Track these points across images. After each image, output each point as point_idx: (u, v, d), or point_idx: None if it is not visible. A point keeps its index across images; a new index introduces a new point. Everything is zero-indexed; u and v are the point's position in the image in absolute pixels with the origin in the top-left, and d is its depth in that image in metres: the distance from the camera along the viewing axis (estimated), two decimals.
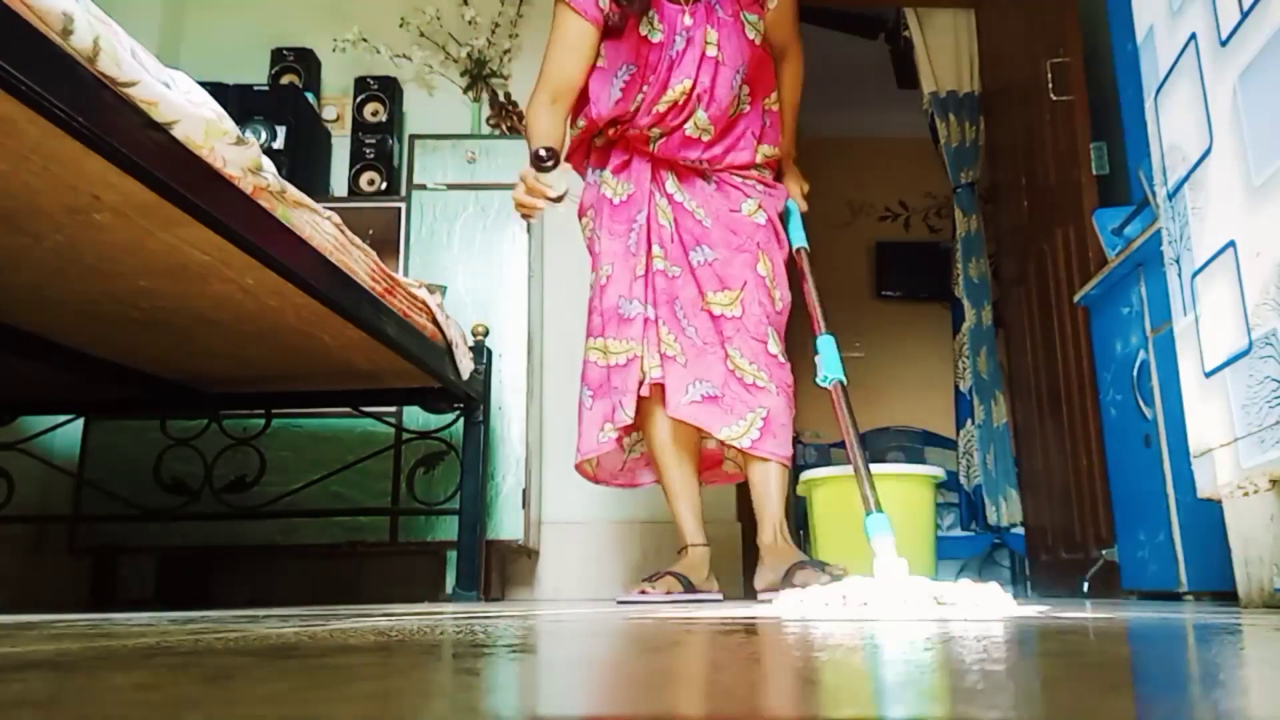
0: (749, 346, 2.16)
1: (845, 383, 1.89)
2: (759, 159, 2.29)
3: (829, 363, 1.91)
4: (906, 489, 2.48)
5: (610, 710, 0.42)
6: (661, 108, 2.16)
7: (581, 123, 2.25)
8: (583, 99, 2.21)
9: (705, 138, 2.20)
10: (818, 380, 1.91)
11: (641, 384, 2.16)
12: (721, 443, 2.27)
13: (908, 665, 0.59)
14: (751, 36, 2.20)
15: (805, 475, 2.62)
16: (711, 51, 2.15)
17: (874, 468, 2.66)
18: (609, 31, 2.14)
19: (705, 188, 2.27)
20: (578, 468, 2.32)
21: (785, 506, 2.19)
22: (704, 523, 2.28)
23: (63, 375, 2.13)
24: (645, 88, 2.14)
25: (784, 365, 2.20)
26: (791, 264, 2.28)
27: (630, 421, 2.14)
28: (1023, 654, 0.69)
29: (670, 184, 2.26)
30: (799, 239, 2.28)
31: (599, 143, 2.32)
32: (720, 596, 2.22)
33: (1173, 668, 0.59)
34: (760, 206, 2.28)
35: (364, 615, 1.43)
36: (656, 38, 2.11)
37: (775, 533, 2.15)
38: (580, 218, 2.44)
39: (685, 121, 2.18)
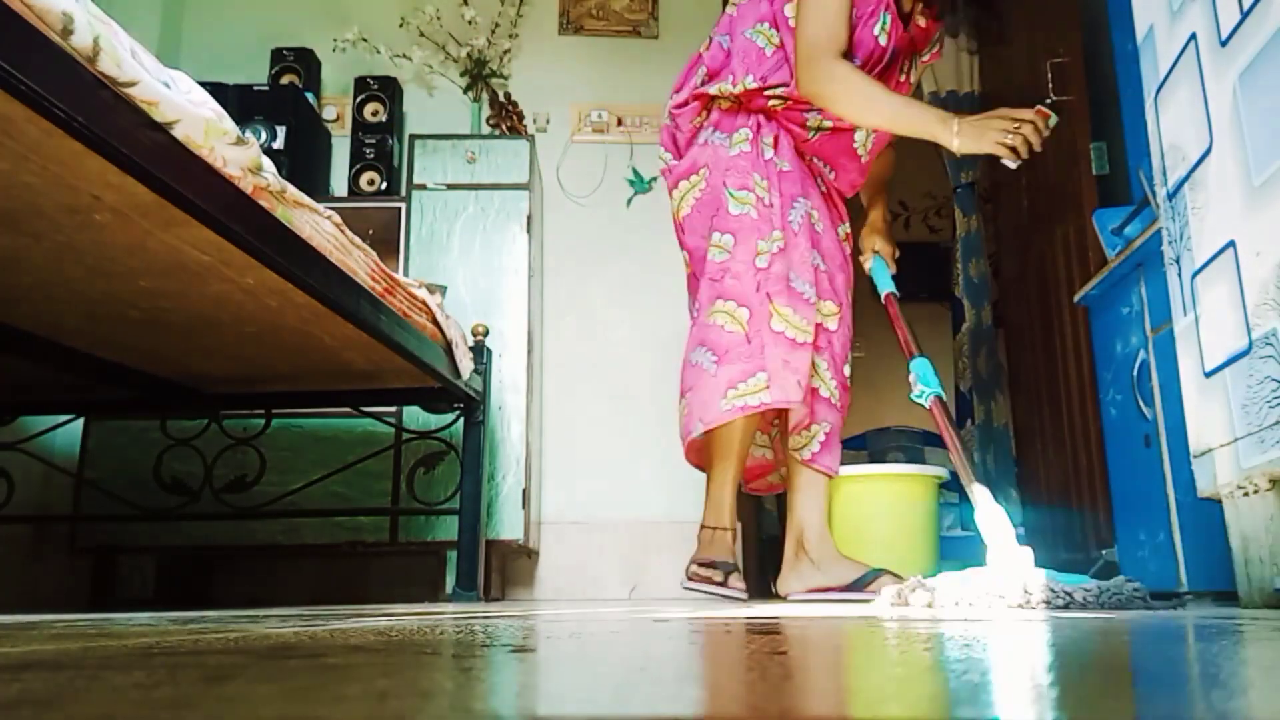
0: (833, 362, 2.25)
1: (944, 397, 2.02)
2: (855, 193, 2.41)
3: (925, 379, 2.03)
4: (909, 489, 2.48)
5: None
6: None
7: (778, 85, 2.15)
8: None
9: (864, 156, 2.28)
10: (912, 397, 2.05)
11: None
12: (774, 451, 2.37)
13: (914, 666, 0.59)
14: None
15: None
16: (903, 77, 2.23)
17: (874, 468, 2.68)
18: None
19: (820, 197, 2.30)
20: (693, 446, 2.22)
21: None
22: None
23: (63, 375, 2.13)
24: None
25: (848, 390, 2.30)
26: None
27: (798, 402, 2.09)
28: (1022, 654, 0.69)
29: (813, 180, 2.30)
30: (889, 285, 2.35)
31: (754, 105, 2.24)
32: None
33: (1173, 668, 0.59)
34: (848, 236, 2.40)
35: (364, 615, 1.43)
36: (884, 41, 2.14)
37: (820, 540, 2.22)
38: (696, 170, 2.25)
39: (856, 132, 2.23)
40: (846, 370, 2.30)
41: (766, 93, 2.18)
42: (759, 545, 4.00)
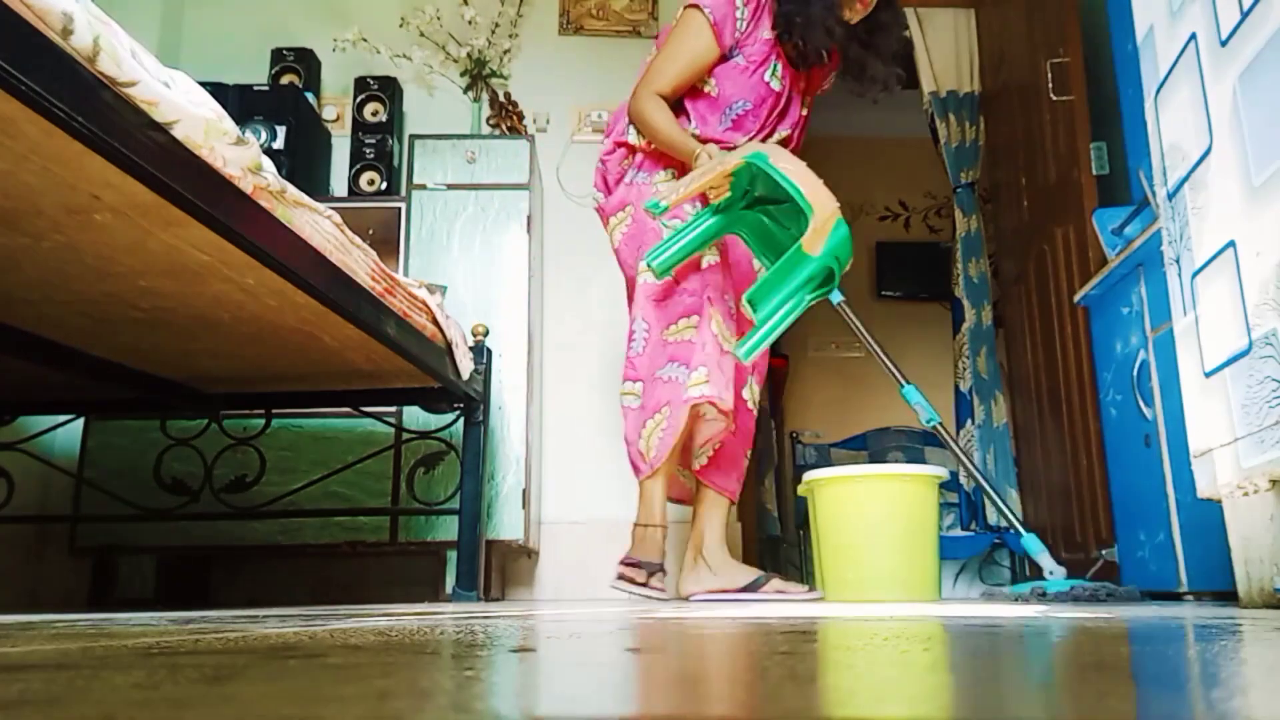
0: (729, 384, 2.39)
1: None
2: None
3: (927, 408, 2.28)
4: (910, 489, 2.48)
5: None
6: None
7: (694, 130, 2.37)
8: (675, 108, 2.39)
9: None
10: (924, 422, 2.26)
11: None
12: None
13: (906, 662, 0.59)
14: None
15: (808, 476, 2.61)
16: (804, 111, 2.49)
17: (875, 468, 2.69)
18: (719, 60, 2.34)
19: None
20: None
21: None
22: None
23: (63, 375, 2.13)
24: (753, 124, 2.37)
25: (750, 414, 2.44)
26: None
27: (729, 402, 2.26)
28: (1022, 653, 0.69)
29: None
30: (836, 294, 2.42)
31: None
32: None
33: (1173, 668, 0.59)
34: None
35: (364, 615, 1.43)
36: (777, 86, 2.36)
37: (716, 547, 2.40)
38: (623, 208, 2.46)
39: None
40: (746, 393, 2.40)
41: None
42: (759, 544, 4.00)
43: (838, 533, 2.50)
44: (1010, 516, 2.21)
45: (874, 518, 2.44)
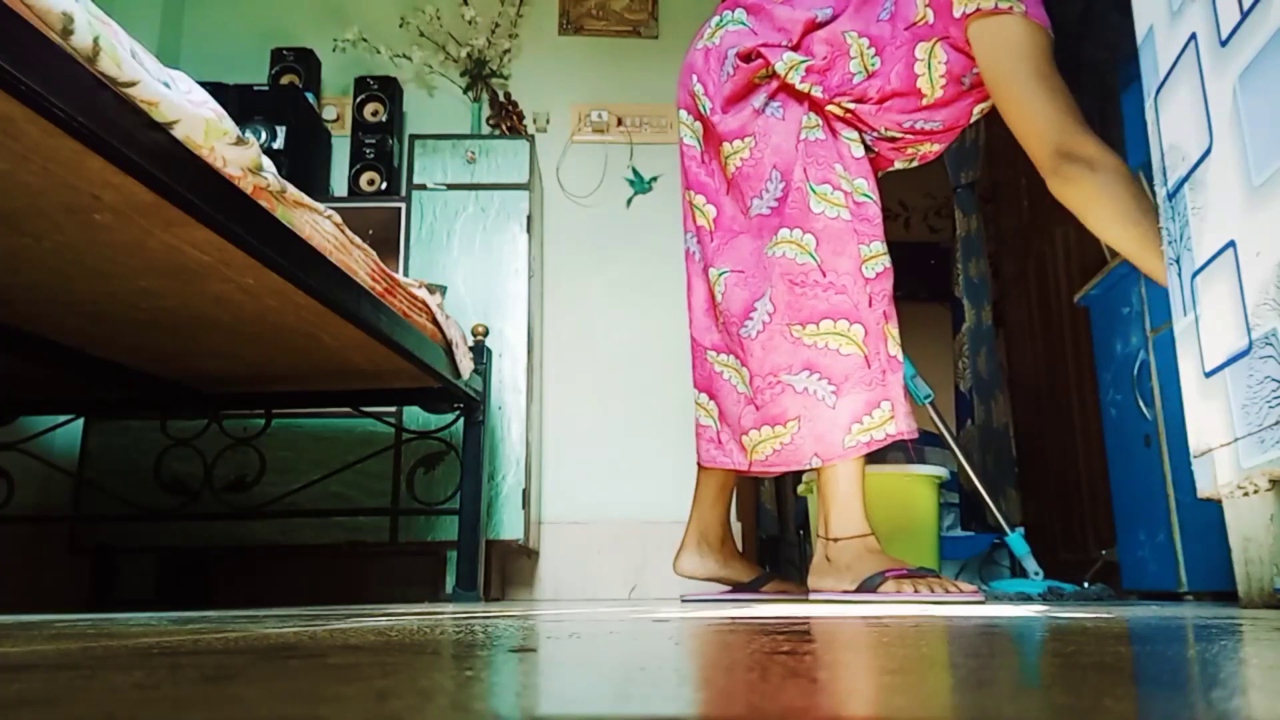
0: None
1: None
2: None
3: (914, 386, 2.27)
4: (909, 488, 2.48)
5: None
6: None
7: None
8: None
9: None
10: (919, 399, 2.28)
11: None
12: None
13: (902, 658, 0.59)
14: None
15: (808, 476, 2.62)
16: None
17: (875, 468, 2.70)
18: None
19: None
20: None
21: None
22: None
23: (63, 375, 2.13)
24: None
25: None
26: None
27: (916, 432, 2.01)
28: (1022, 653, 0.69)
29: None
30: None
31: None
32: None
33: (1173, 668, 0.59)
34: None
35: (364, 615, 1.43)
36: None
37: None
38: (741, 139, 2.08)
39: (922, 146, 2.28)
40: None
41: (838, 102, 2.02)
42: (758, 543, 4.00)
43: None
44: (997, 514, 2.25)
45: (874, 517, 2.44)
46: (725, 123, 2.07)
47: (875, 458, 2.19)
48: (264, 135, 3.00)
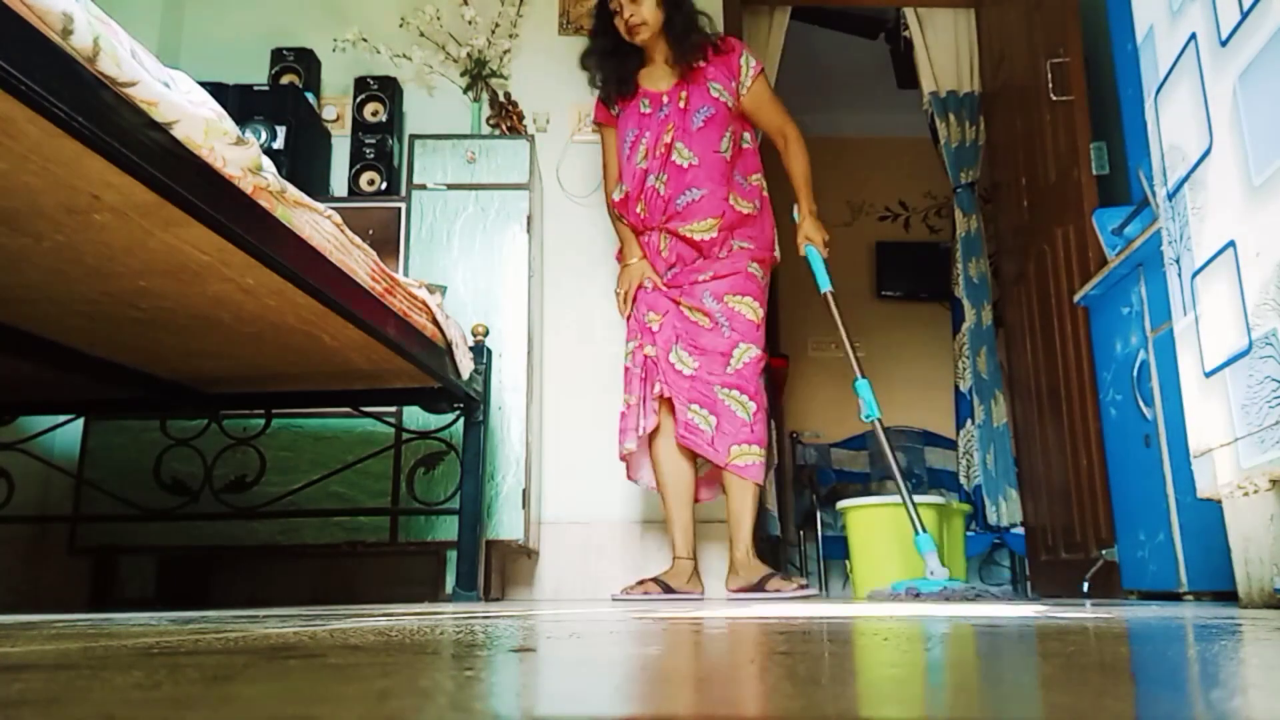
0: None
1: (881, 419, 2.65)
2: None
3: (869, 402, 2.65)
4: (944, 517, 3.10)
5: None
6: None
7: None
8: None
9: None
10: (861, 417, 2.63)
11: None
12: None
13: (903, 663, 0.59)
14: None
15: (841, 505, 3.25)
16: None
17: (918, 498, 3.09)
18: None
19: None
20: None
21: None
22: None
23: (63, 375, 2.13)
24: None
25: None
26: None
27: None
28: (1022, 653, 0.69)
29: None
30: (825, 283, 2.86)
31: None
32: (700, 595, 2.69)
33: (1173, 668, 0.59)
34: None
35: (364, 615, 1.43)
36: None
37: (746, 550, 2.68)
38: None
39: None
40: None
41: None
42: (758, 544, 3.99)
43: (870, 554, 3.13)
44: (913, 514, 2.48)
45: (907, 540, 2.79)
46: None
47: (876, 458, 2.73)
48: (264, 135, 2.99)
